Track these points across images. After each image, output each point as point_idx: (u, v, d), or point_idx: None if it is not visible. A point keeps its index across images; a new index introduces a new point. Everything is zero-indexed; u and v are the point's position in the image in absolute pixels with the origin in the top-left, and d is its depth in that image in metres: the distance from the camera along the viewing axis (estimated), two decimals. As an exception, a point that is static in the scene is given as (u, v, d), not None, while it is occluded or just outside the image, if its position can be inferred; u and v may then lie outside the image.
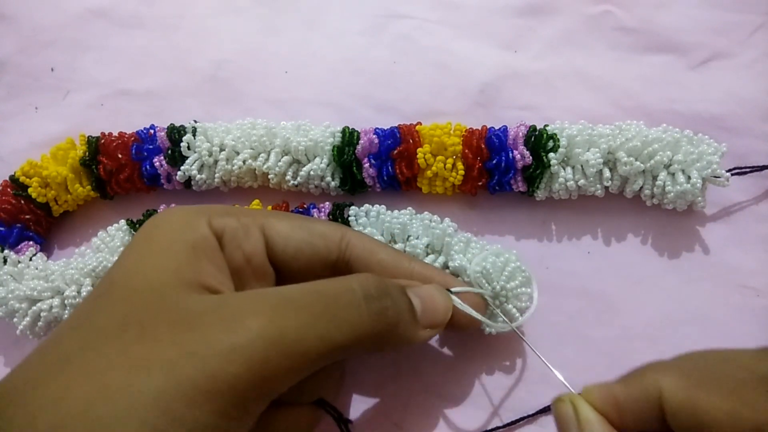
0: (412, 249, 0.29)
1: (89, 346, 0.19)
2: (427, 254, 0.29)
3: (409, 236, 0.30)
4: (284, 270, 0.25)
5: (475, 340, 0.30)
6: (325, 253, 0.25)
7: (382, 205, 0.32)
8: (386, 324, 0.22)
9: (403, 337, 0.23)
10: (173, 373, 0.18)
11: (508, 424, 0.29)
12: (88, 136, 0.34)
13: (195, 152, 0.33)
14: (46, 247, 0.35)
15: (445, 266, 0.29)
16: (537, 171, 0.31)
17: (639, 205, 0.32)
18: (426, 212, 0.31)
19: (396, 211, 0.31)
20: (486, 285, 0.28)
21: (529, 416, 0.29)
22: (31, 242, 0.33)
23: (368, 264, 0.25)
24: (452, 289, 0.26)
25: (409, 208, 0.31)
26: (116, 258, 0.30)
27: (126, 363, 0.18)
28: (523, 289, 0.28)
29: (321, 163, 0.33)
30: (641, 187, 0.31)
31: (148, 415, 0.17)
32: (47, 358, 0.19)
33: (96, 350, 0.18)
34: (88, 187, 0.34)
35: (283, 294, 0.21)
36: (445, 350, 0.31)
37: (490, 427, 0.29)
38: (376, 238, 0.29)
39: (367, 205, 0.32)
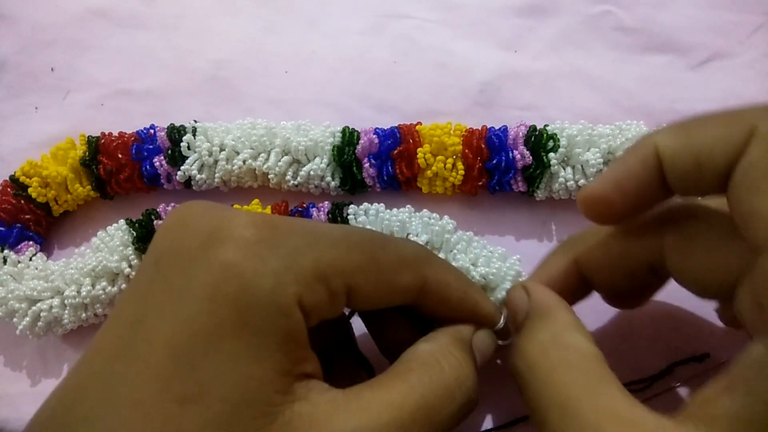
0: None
1: None
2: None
3: (408, 234, 0.30)
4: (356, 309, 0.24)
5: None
6: (400, 304, 0.24)
7: (381, 204, 0.32)
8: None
9: None
10: None
11: (508, 424, 0.29)
12: (88, 136, 0.34)
13: (195, 152, 0.33)
14: (46, 247, 0.35)
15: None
16: (537, 171, 0.31)
17: (639, 205, 0.32)
18: (425, 210, 0.31)
19: (395, 209, 0.31)
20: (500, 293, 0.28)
21: (528, 416, 0.29)
22: (31, 242, 0.33)
23: (440, 317, 0.25)
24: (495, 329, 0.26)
25: (408, 206, 0.31)
26: (121, 259, 0.30)
27: None
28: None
29: (321, 163, 0.33)
30: (641, 187, 0.31)
31: None
32: None
33: None
34: (88, 187, 0.34)
35: (389, 410, 0.20)
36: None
37: (489, 427, 0.29)
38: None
39: (366, 203, 0.32)
